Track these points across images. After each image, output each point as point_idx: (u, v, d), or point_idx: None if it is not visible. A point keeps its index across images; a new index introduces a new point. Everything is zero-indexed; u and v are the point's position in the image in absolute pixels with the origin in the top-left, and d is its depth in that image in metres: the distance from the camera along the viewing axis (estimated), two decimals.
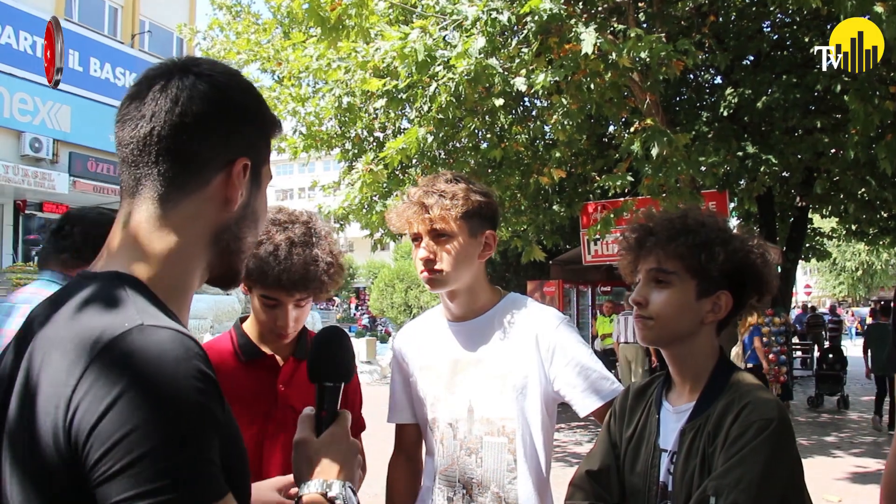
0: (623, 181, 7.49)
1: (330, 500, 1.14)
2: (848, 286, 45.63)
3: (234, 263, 1.16)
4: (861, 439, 10.35)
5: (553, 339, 2.07)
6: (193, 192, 1.07)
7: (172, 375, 0.89)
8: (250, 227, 1.15)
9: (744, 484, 1.44)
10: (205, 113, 1.06)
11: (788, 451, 1.50)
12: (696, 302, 1.65)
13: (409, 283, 33.30)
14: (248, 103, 1.13)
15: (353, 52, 7.16)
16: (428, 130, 7.33)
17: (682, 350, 1.69)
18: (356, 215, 9.11)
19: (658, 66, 6.63)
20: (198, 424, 0.89)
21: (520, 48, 7.36)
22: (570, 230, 12.11)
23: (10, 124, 20.03)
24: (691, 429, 1.60)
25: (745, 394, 1.56)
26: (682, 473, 1.58)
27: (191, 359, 0.92)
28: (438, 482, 2.08)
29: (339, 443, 1.24)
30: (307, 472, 1.19)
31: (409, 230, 2.07)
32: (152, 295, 1.01)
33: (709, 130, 10.19)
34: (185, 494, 0.85)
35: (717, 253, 1.63)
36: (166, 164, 1.05)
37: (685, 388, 1.69)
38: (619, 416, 1.82)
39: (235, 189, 1.09)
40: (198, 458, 0.88)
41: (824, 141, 9.65)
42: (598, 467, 1.77)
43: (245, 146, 1.11)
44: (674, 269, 1.66)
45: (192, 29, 11.19)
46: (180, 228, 1.07)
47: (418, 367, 2.19)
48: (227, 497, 0.91)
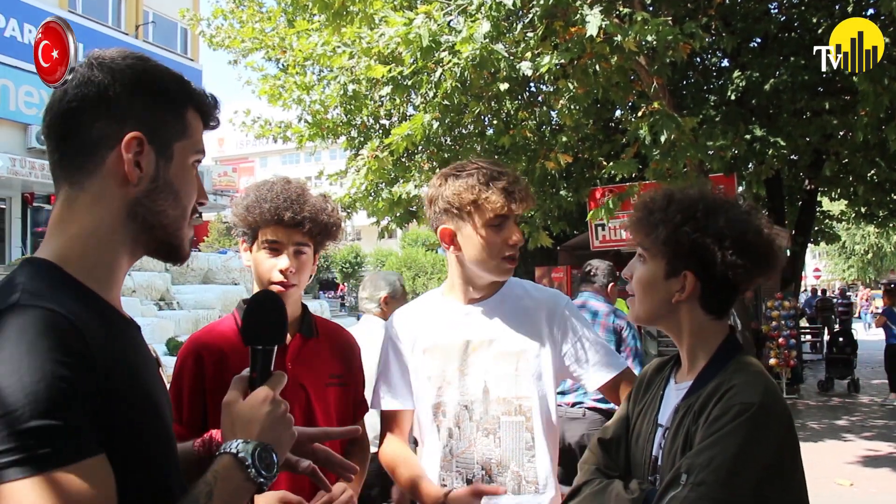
0: (630, 167, 7.44)
1: (240, 460, 1.15)
2: (857, 269, 45.44)
3: (161, 236, 1.22)
4: (872, 422, 10.32)
5: (562, 318, 2.14)
6: (92, 172, 1.14)
7: (30, 350, 0.96)
8: (167, 199, 1.19)
9: (714, 465, 1.43)
10: (88, 95, 1.13)
11: (768, 436, 1.47)
12: (665, 281, 1.65)
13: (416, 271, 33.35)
14: (141, 80, 1.17)
15: (358, 39, 7.12)
16: (433, 117, 7.29)
17: (670, 328, 1.71)
18: (362, 202, 9.09)
19: (664, 50, 6.57)
20: (53, 393, 0.94)
21: (525, 32, 7.30)
22: (577, 216, 12.06)
23: (17, 117, 20.09)
24: (684, 406, 1.61)
25: (735, 376, 1.55)
26: (669, 449, 1.59)
27: (53, 334, 0.98)
28: (455, 466, 2.07)
29: (262, 404, 1.24)
30: (227, 433, 1.21)
31: (504, 210, 2.03)
32: (61, 275, 1.10)
33: (716, 114, 10.12)
34: (35, 454, 0.91)
35: (660, 230, 1.63)
36: (63, 150, 1.15)
37: (687, 366, 1.70)
38: (636, 389, 1.84)
39: (128, 163, 1.14)
40: (51, 423, 0.93)
41: (833, 123, 9.57)
42: (609, 437, 1.79)
43: (137, 122, 1.15)
44: (649, 246, 1.68)
45: (195, 17, 11.15)
46: (90, 208, 1.14)
47: (421, 349, 2.16)
48: (90, 460, 0.96)
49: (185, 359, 2.08)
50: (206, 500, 1.09)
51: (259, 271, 2.11)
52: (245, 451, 1.16)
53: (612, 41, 6.46)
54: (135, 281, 19.99)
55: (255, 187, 2.15)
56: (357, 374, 2.27)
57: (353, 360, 2.28)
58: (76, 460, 0.94)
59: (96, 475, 0.96)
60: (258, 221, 2.09)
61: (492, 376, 2.07)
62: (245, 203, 2.12)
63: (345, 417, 2.18)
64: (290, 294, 2.09)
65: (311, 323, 2.22)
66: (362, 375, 2.30)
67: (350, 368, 2.25)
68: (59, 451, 0.93)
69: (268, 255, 2.09)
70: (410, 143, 7.30)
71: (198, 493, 1.09)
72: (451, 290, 2.20)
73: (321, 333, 2.22)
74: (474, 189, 2.02)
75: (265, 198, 2.08)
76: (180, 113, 1.22)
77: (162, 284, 20.72)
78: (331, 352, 2.21)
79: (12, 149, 19.67)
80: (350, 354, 2.28)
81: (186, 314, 20.03)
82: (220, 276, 23.95)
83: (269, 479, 1.17)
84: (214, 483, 1.11)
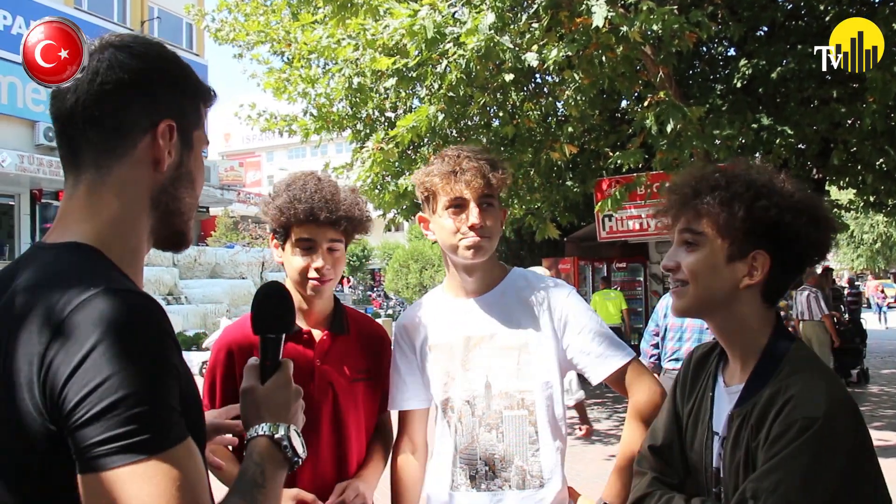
0: (637, 157, 7.42)
1: (276, 441, 1.24)
2: (866, 259, 45.18)
3: (176, 225, 1.24)
4: (882, 413, 10.29)
5: (564, 309, 2.08)
6: (122, 156, 1.14)
7: (137, 331, 0.99)
8: (187, 187, 1.23)
9: (781, 490, 1.33)
10: (123, 80, 1.13)
11: (835, 453, 1.34)
12: (728, 264, 1.52)
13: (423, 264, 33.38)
14: (168, 69, 1.19)
15: (362, 31, 7.11)
16: (438, 108, 7.28)
17: (724, 321, 1.57)
18: (368, 195, 9.08)
19: (670, 39, 6.53)
20: (162, 374, 0.99)
21: (530, 23, 7.27)
22: (584, 207, 12.05)
23: (25, 114, 20.13)
24: (738, 416, 1.49)
25: (793, 383, 1.41)
26: (730, 462, 1.50)
27: (152, 316, 1.02)
28: (459, 462, 2.07)
29: (283, 389, 1.33)
30: (254, 418, 1.28)
31: (456, 194, 2.02)
32: (108, 260, 1.11)
33: (723, 103, 10.05)
34: (153, 437, 0.95)
35: (737, 208, 1.50)
36: (93, 132, 1.14)
37: (737, 364, 1.58)
38: (681, 384, 1.73)
39: (161, 149, 1.16)
40: (163, 404, 0.98)
41: (841, 111, 9.49)
42: (661, 443, 1.68)
43: (168, 109, 1.17)
44: (702, 230, 1.54)
45: (200, 11, 11.14)
46: (119, 193, 1.15)
47: (428, 347, 2.17)
48: (188, 440, 1.00)
49: (219, 351, 2.16)
50: (262, 479, 1.17)
51: (293, 269, 2.12)
52: (280, 433, 1.24)
53: (618, 31, 6.43)
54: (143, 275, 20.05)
55: (286, 186, 2.14)
56: (386, 367, 2.27)
57: (382, 353, 2.29)
58: (178, 442, 0.98)
59: (194, 455, 1.01)
60: (291, 220, 2.10)
61: (493, 371, 2.06)
62: (278, 203, 2.11)
63: (371, 411, 2.22)
64: (326, 289, 2.13)
65: (343, 318, 2.23)
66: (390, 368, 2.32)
67: (378, 362, 2.26)
68: (169, 434, 0.97)
69: (302, 254, 2.10)
70: (416, 136, 7.29)
71: (253, 474, 1.17)
72: (449, 284, 2.21)
73: (352, 329, 2.25)
74: (430, 174, 2.06)
75: (299, 198, 2.08)
76: (198, 102, 1.24)
77: (170, 279, 20.80)
78: (360, 347, 2.23)
79: (21, 146, 19.72)
80: (380, 348, 2.29)
81: (194, 308, 20.12)
82: (227, 270, 24.03)
83: (300, 459, 1.26)
84: (263, 464, 1.19)
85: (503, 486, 2.02)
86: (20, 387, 0.97)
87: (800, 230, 1.51)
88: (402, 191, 8.69)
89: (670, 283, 1.62)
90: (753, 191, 1.52)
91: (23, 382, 0.97)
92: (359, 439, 2.17)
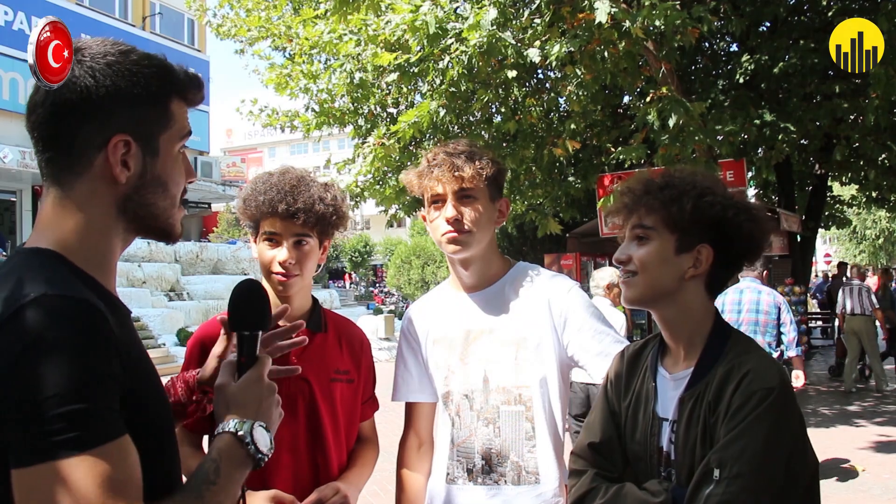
0: (639, 153, 7.41)
1: (239, 438, 1.23)
2: (869, 254, 45.11)
3: (154, 225, 1.25)
4: (884, 408, 10.29)
5: (565, 305, 2.07)
6: (80, 174, 1.17)
7: (66, 336, 1.01)
8: (156, 192, 1.23)
9: (747, 455, 1.43)
10: (71, 100, 1.14)
11: (790, 416, 1.48)
12: (676, 256, 1.63)
13: (425, 260, 33.39)
14: (121, 82, 1.17)
15: (364, 26, 7.09)
16: (440, 104, 7.26)
17: (671, 311, 1.66)
18: (369, 191, 9.08)
19: (673, 34, 6.52)
20: (89, 377, 1.01)
21: (532, 19, 7.26)
22: (586, 203, 12.03)
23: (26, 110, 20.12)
24: (690, 397, 1.57)
25: (746, 360, 1.53)
26: (683, 443, 1.56)
27: (84, 321, 1.04)
28: (457, 455, 2.07)
29: (254, 385, 1.32)
30: (224, 414, 1.28)
31: (432, 191, 2.05)
32: (68, 265, 1.14)
33: (725, 98, 10.05)
34: (77, 435, 0.97)
35: (685, 203, 1.61)
36: (50, 151, 1.17)
37: (680, 353, 1.67)
38: (615, 382, 1.79)
39: (115, 166, 1.16)
40: (87, 406, 0.99)
41: (843, 106, 9.48)
42: (601, 439, 1.74)
43: (122, 123, 1.16)
44: (652, 224, 1.65)
45: (202, 7, 11.14)
46: (82, 206, 1.17)
47: (431, 340, 2.17)
48: (120, 440, 1.02)
49: (193, 348, 2.13)
50: (215, 476, 1.16)
51: (261, 263, 2.12)
52: (243, 430, 1.23)
53: (620, 27, 6.41)
54: (145, 272, 20.08)
55: (254, 179, 2.16)
56: (366, 372, 2.25)
57: (362, 357, 2.25)
58: (108, 440, 1.00)
59: (125, 454, 1.03)
60: (256, 214, 2.09)
61: (492, 365, 2.05)
62: (244, 195, 2.13)
63: (351, 414, 2.19)
64: (292, 284, 2.08)
65: (320, 317, 2.20)
66: (372, 374, 2.29)
67: (358, 366, 2.23)
68: (95, 432, 0.99)
69: (268, 247, 2.09)
70: (417, 131, 7.27)
71: (207, 470, 1.17)
72: (452, 278, 2.21)
73: (330, 328, 2.21)
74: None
75: (261, 190, 2.08)
76: (164, 105, 1.23)
77: (172, 275, 20.82)
78: (339, 347, 2.20)
79: (22, 142, 19.72)
80: (359, 351, 2.25)
81: (196, 304, 20.15)
82: (229, 266, 24.06)
83: (265, 456, 1.25)
84: (219, 460, 1.19)
85: (499, 480, 2.02)
86: None
87: (741, 225, 1.62)
88: (402, 186, 8.67)
89: (620, 276, 1.71)
90: (700, 188, 1.65)
91: None
92: (337, 441, 2.12)
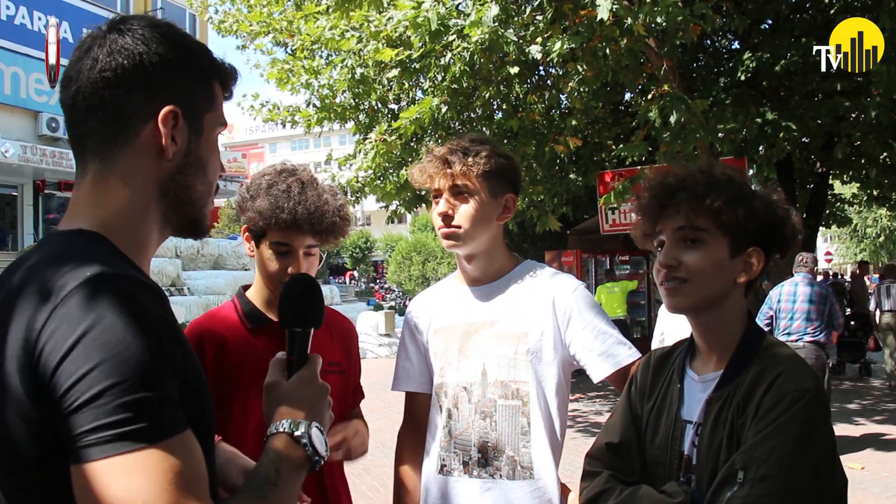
0: (640, 150, 7.41)
1: (296, 438, 1.17)
2: (870, 253, 45.09)
3: (190, 213, 1.20)
4: (884, 406, 10.30)
5: (570, 304, 2.06)
6: (125, 145, 1.11)
7: (132, 318, 0.93)
8: (197, 174, 1.18)
9: (775, 457, 1.35)
10: (123, 66, 1.09)
11: (823, 422, 1.42)
12: (730, 261, 1.56)
13: (426, 256, 33.39)
14: (173, 52, 1.13)
15: (366, 22, 7.09)
16: (442, 101, 7.27)
17: (713, 316, 1.58)
18: (370, 187, 9.08)
19: (675, 32, 6.51)
20: (156, 363, 0.94)
21: (534, 16, 7.26)
22: (587, 200, 12.04)
23: (27, 104, 20.14)
24: (719, 398, 1.51)
25: (779, 362, 1.47)
26: (707, 445, 1.50)
27: (149, 303, 0.98)
28: (454, 447, 2.08)
29: (308, 385, 1.27)
30: (276, 414, 1.22)
31: (430, 185, 2.08)
32: (112, 247, 1.08)
33: (726, 96, 10.03)
34: (145, 427, 0.90)
35: (738, 204, 1.54)
36: (94, 121, 1.10)
37: (712, 356, 1.60)
38: (640, 386, 1.73)
39: (164, 137, 1.11)
40: (157, 394, 0.92)
41: (845, 104, 9.46)
42: (619, 440, 1.68)
43: (172, 95, 1.12)
44: (706, 226, 1.55)
45: (203, 2, 11.12)
46: (124, 182, 1.11)
47: (433, 331, 2.19)
48: (186, 433, 0.95)
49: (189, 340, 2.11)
50: (276, 477, 1.11)
51: (268, 269, 2.09)
52: (300, 430, 1.18)
53: (622, 24, 6.41)
54: None
55: (267, 188, 2.06)
56: (355, 362, 2.28)
57: (351, 347, 2.30)
58: (177, 432, 0.94)
59: (193, 447, 0.96)
60: (269, 222, 2.03)
61: (491, 359, 2.05)
62: (258, 207, 2.04)
63: (343, 405, 2.21)
64: None
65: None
66: (359, 364, 2.33)
67: (349, 356, 2.26)
68: (163, 423, 0.92)
69: (277, 258, 2.06)
70: (419, 128, 7.28)
71: (266, 471, 1.11)
72: (459, 272, 2.23)
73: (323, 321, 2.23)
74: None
75: (282, 206, 2.01)
76: (209, 84, 1.19)
77: (173, 270, 20.82)
78: (331, 340, 2.21)
79: (24, 136, 19.74)
80: (349, 342, 2.29)
81: (197, 300, 20.15)
82: (230, 261, 24.05)
83: (322, 458, 1.19)
84: (279, 461, 1.13)
85: (494, 474, 2.02)
86: (15, 373, 0.94)
87: (785, 227, 1.61)
88: (403, 181, 8.68)
89: (662, 281, 1.60)
90: (747, 191, 1.60)
91: (17, 369, 0.94)
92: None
